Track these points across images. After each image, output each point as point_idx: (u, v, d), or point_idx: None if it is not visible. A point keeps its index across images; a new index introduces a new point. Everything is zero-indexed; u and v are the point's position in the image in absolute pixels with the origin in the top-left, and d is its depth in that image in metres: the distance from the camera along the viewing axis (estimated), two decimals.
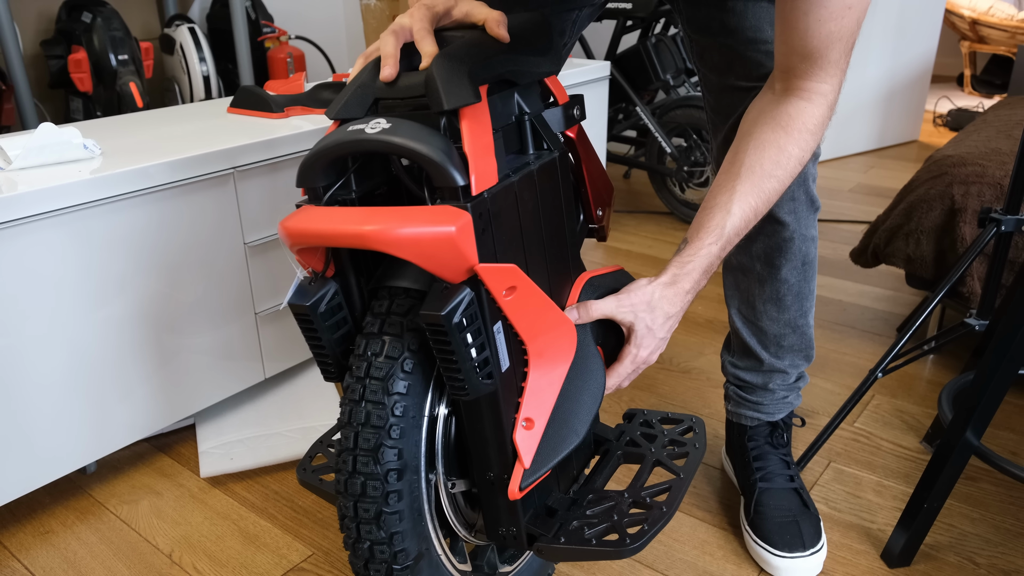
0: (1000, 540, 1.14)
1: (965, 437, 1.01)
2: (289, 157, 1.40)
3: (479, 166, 0.74)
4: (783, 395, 1.19)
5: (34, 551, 1.17)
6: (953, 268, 1.34)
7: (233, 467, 1.33)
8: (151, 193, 1.22)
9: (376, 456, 0.76)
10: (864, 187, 2.78)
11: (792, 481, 1.16)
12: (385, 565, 0.78)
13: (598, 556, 0.84)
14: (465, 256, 0.71)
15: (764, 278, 1.11)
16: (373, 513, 0.77)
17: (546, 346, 0.82)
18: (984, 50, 4.13)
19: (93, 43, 2.31)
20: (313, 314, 0.78)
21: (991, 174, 1.51)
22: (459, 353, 0.73)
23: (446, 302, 0.71)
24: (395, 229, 0.68)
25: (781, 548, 1.08)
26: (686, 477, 0.92)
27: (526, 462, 0.80)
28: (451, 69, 0.74)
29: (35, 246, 1.11)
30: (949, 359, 1.64)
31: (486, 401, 0.78)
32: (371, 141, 0.71)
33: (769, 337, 1.15)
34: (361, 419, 0.77)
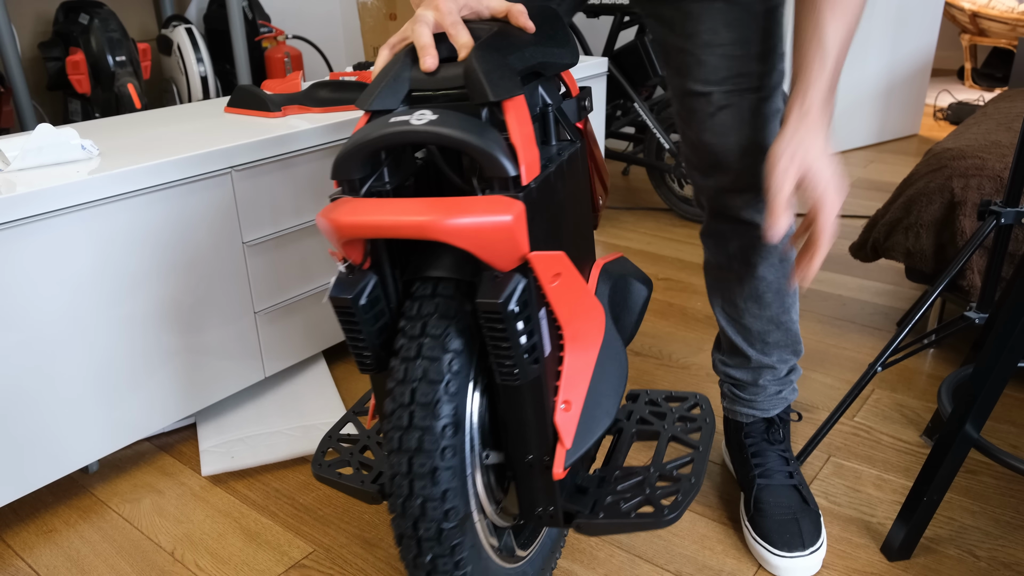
0: (1000, 533, 1.14)
1: (964, 430, 1.01)
2: (286, 156, 1.41)
3: (527, 156, 0.75)
4: (775, 390, 1.19)
5: (38, 550, 1.18)
6: (953, 261, 1.34)
7: (234, 465, 1.33)
8: (149, 193, 1.23)
9: (433, 411, 0.76)
10: (864, 181, 2.78)
11: (791, 477, 1.15)
12: (435, 524, 0.79)
13: (637, 528, 0.87)
14: (519, 245, 0.73)
15: (743, 277, 1.10)
16: (428, 468, 0.77)
17: (580, 330, 0.85)
18: (985, 43, 4.12)
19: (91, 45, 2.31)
20: (355, 306, 0.79)
21: (991, 167, 1.50)
22: (512, 340, 0.74)
23: (502, 289, 0.73)
24: (455, 219, 0.70)
25: (780, 547, 1.08)
26: (704, 450, 0.95)
27: (567, 443, 0.82)
28: (492, 61, 0.75)
29: (34, 247, 1.11)
30: (949, 353, 1.64)
31: (530, 386, 0.79)
32: (420, 133, 0.72)
33: (754, 334, 1.14)
34: (418, 375, 0.77)
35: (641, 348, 1.70)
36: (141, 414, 1.30)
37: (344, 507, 1.24)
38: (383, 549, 1.15)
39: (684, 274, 2.06)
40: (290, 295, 1.49)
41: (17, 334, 1.12)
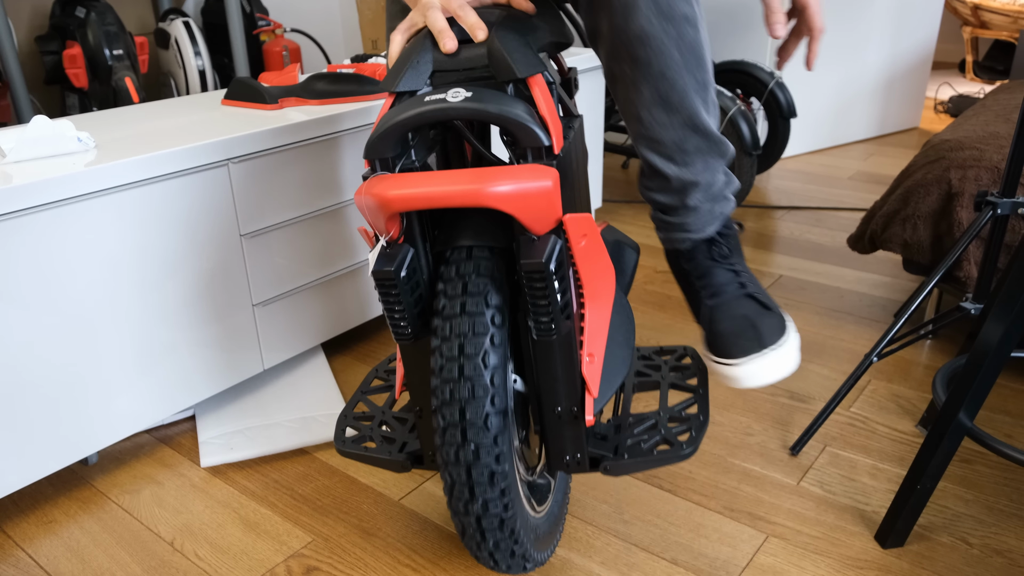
0: (993, 520, 1.15)
1: (958, 418, 1.02)
2: (283, 148, 1.41)
3: (555, 127, 0.82)
4: (708, 208, 1.05)
5: (38, 540, 1.19)
6: (949, 252, 1.35)
7: (233, 457, 1.34)
8: (145, 185, 1.23)
9: (483, 360, 0.82)
10: (864, 174, 2.78)
11: (743, 287, 1.05)
12: (487, 468, 0.84)
13: (661, 463, 0.93)
14: (556, 208, 0.79)
15: (637, 80, 0.96)
16: (481, 416, 0.83)
17: (598, 287, 0.91)
18: (986, 35, 4.11)
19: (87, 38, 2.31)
20: (397, 278, 0.83)
21: (988, 158, 1.51)
22: (551, 297, 0.81)
23: (543, 250, 0.79)
24: (500, 187, 0.75)
25: (736, 354, 0.98)
26: (704, 391, 1.02)
27: (594, 392, 0.89)
28: (513, 40, 0.82)
29: (28, 240, 1.12)
30: (946, 344, 1.65)
31: (563, 340, 0.86)
32: (458, 109, 0.77)
33: (669, 146, 1.00)
34: (464, 329, 0.83)
35: (640, 340, 1.70)
36: (140, 406, 1.31)
37: (343, 497, 1.25)
38: (381, 539, 1.16)
39: None
40: (288, 287, 1.49)
41: (13, 327, 1.13)
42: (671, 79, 0.95)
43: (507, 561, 0.93)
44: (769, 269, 2.03)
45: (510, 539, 0.90)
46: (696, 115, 0.98)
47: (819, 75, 2.94)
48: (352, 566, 1.11)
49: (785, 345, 1.00)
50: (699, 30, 0.94)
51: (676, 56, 0.94)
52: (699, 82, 0.97)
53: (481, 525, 0.88)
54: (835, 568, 1.08)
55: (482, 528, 0.89)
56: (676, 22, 0.92)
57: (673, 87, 0.95)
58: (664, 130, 0.99)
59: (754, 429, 1.38)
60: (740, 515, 1.18)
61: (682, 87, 0.96)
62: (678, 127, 0.98)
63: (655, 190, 1.07)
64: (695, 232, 1.07)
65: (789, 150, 3.01)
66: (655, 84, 0.95)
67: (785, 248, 2.16)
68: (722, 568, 1.08)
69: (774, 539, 1.13)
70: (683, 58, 0.94)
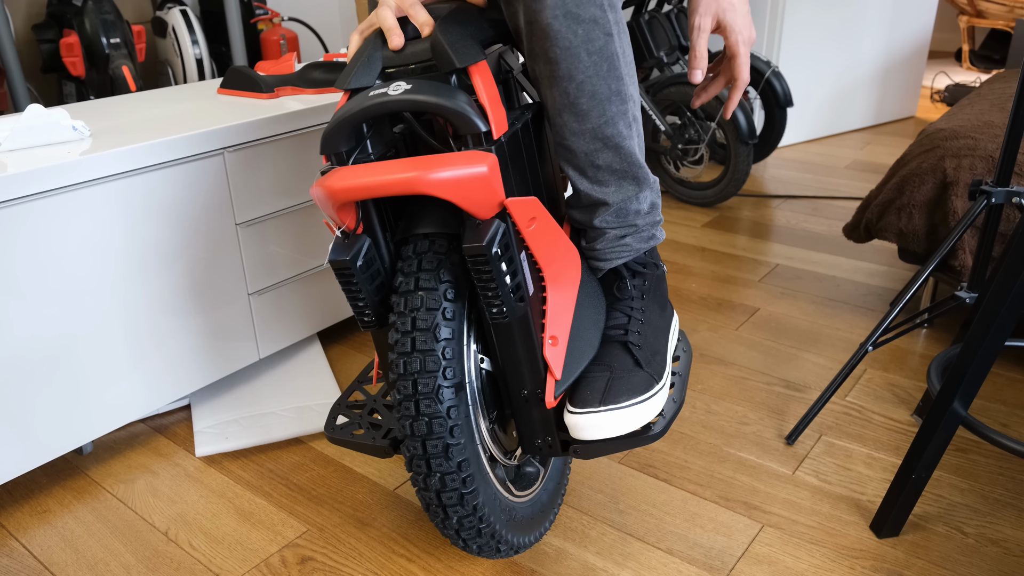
0: (988, 510, 1.15)
1: (952, 408, 1.02)
2: (279, 137, 1.40)
3: (495, 114, 0.84)
4: (618, 234, 1.01)
5: (32, 530, 1.19)
6: (944, 241, 1.34)
7: (228, 446, 1.34)
8: (141, 174, 1.23)
9: (433, 334, 0.86)
10: (860, 163, 2.78)
11: (625, 334, 0.99)
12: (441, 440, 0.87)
13: (627, 445, 0.93)
14: (496, 192, 0.81)
15: (550, 80, 0.92)
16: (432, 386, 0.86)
17: (559, 271, 0.93)
18: (982, 24, 4.10)
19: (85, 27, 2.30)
20: (353, 267, 0.86)
21: (983, 147, 1.50)
22: (498, 280, 0.82)
23: (484, 233, 0.80)
24: (436, 173, 0.77)
25: (574, 403, 0.94)
26: (684, 375, 1.02)
27: (557, 374, 0.90)
28: (455, 32, 0.85)
29: (23, 228, 1.11)
30: (942, 332, 1.65)
31: (519, 323, 0.88)
32: (398, 101, 0.80)
33: (580, 157, 0.96)
34: (417, 304, 0.86)
35: None
36: (135, 395, 1.30)
37: (338, 487, 1.25)
38: (376, 528, 1.16)
39: (679, 256, 2.06)
40: (284, 276, 1.49)
41: (7, 315, 1.12)
42: (580, 82, 0.91)
43: (476, 541, 0.95)
44: (765, 258, 2.03)
45: (474, 516, 0.91)
46: (608, 127, 0.94)
47: (816, 64, 2.93)
48: (347, 556, 1.11)
49: (631, 407, 0.93)
50: (612, 37, 0.90)
51: (585, 59, 0.90)
52: (613, 91, 0.92)
53: (441, 500, 0.90)
54: (830, 558, 1.08)
55: (443, 503, 0.90)
56: (584, 23, 0.88)
57: (582, 91, 0.91)
58: (575, 138, 0.95)
59: (750, 418, 1.38)
60: (735, 504, 1.18)
61: (592, 92, 0.92)
62: (588, 137, 0.95)
63: (571, 205, 1.04)
64: (601, 260, 1.03)
65: (786, 139, 3.01)
66: (564, 86, 0.92)
67: (782, 237, 2.16)
68: (717, 558, 1.09)
69: (769, 528, 1.13)
70: (592, 63, 0.90)
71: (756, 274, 1.94)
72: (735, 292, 1.85)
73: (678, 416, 1.39)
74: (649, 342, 1.01)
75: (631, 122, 0.96)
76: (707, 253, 2.08)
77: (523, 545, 1.03)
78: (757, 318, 1.72)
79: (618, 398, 0.93)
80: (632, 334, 1.00)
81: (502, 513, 0.97)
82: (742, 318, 1.73)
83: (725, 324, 1.70)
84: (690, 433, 1.35)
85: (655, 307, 1.06)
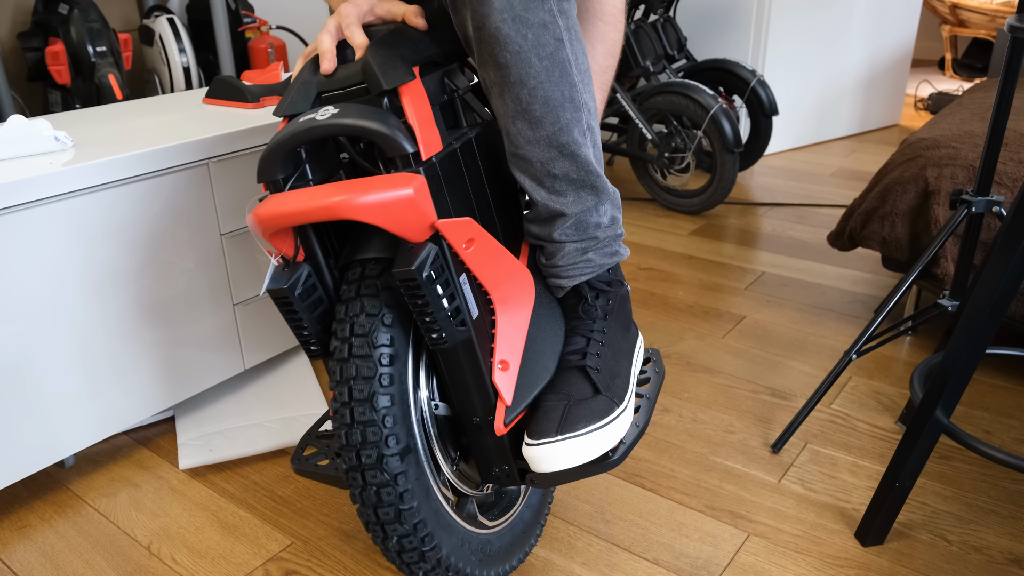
0: (972, 517, 1.16)
1: (935, 416, 1.02)
2: (264, 147, 1.40)
3: (424, 134, 0.82)
4: (578, 248, 0.97)
5: (11, 545, 1.17)
6: (926, 249, 1.35)
7: (212, 458, 1.33)
8: (124, 185, 1.22)
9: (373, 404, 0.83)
10: (845, 171, 2.80)
11: (583, 358, 0.95)
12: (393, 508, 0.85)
13: (584, 474, 0.89)
14: (424, 214, 0.78)
15: (500, 87, 0.89)
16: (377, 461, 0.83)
17: (508, 293, 0.90)
18: (965, 34, 4.14)
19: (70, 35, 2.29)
20: (291, 296, 0.84)
21: (964, 156, 1.52)
22: (433, 304, 0.79)
23: (415, 258, 0.78)
24: (360, 197, 0.75)
25: (534, 435, 0.90)
26: (651, 397, 0.99)
27: (507, 399, 0.87)
28: (384, 55, 0.83)
29: (5, 240, 1.11)
30: (926, 340, 1.66)
31: (463, 348, 0.85)
32: (324, 126, 0.78)
33: (535, 166, 0.92)
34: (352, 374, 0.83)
35: None
36: (118, 407, 1.29)
37: (323, 499, 1.24)
38: (361, 541, 1.16)
39: (666, 264, 2.07)
40: None
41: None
42: (532, 88, 0.88)
43: None
44: (751, 266, 2.03)
45: (439, 568, 0.89)
46: (563, 134, 0.90)
47: (801, 73, 2.95)
48: (331, 569, 1.11)
49: (589, 434, 0.90)
50: (563, 43, 0.88)
51: (536, 64, 0.87)
52: (566, 98, 0.89)
53: (404, 559, 0.88)
54: (815, 567, 1.08)
55: (405, 562, 0.88)
56: (533, 27, 0.85)
57: (534, 97, 0.88)
58: (530, 147, 0.91)
59: (736, 427, 1.38)
60: (721, 514, 1.18)
61: (544, 98, 0.88)
62: (543, 145, 0.91)
63: (528, 220, 0.99)
64: (562, 277, 0.99)
65: (771, 147, 3.03)
66: (516, 92, 0.88)
67: (767, 244, 2.17)
68: (703, 568, 1.09)
69: (755, 538, 1.14)
70: (544, 67, 0.87)
71: (742, 282, 1.95)
72: (721, 300, 1.86)
73: (665, 425, 1.39)
74: (609, 365, 0.97)
75: (586, 130, 0.92)
76: (694, 261, 2.08)
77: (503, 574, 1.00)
78: (743, 326, 1.73)
79: (575, 425, 0.89)
80: (591, 357, 0.96)
81: (473, 555, 0.94)
82: (728, 326, 1.73)
83: (711, 332, 1.71)
84: (676, 442, 1.35)
85: (618, 328, 1.02)
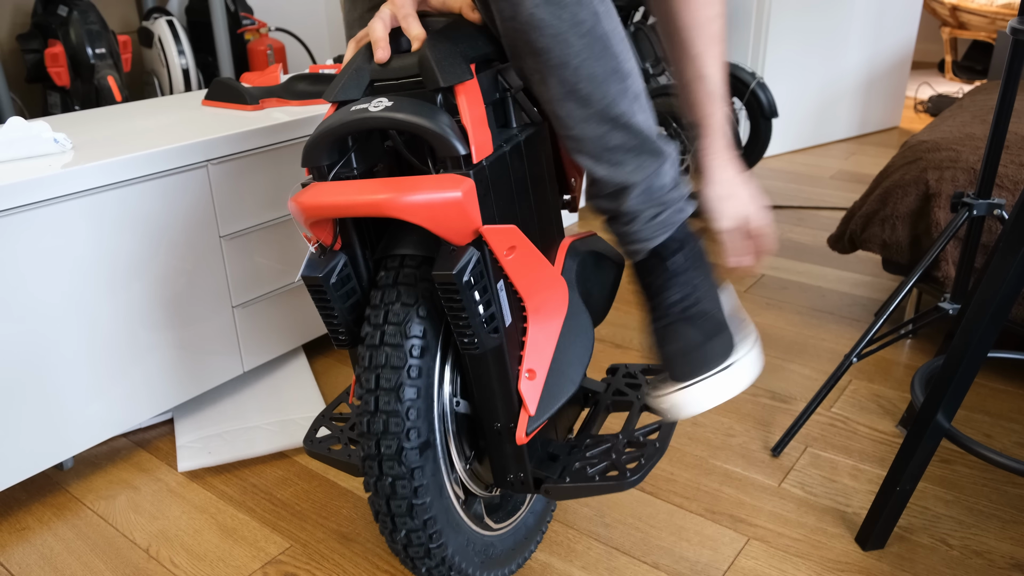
0: (973, 521, 1.16)
1: (936, 420, 1.02)
2: (264, 149, 1.40)
3: (478, 137, 0.81)
4: (651, 213, 0.98)
5: (10, 548, 1.17)
6: (927, 252, 1.35)
7: (211, 461, 1.32)
8: (123, 187, 1.22)
9: (399, 394, 0.83)
10: (845, 174, 2.79)
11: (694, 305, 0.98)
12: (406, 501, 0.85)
13: (601, 491, 0.89)
14: (470, 219, 0.78)
15: (543, 74, 0.88)
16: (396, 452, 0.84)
17: (543, 302, 0.89)
18: (965, 36, 4.14)
19: (70, 37, 2.29)
20: (325, 284, 0.85)
21: (965, 159, 1.51)
22: (469, 309, 0.79)
23: (456, 261, 0.78)
24: (408, 196, 0.75)
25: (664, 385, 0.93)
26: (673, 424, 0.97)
27: (531, 409, 0.87)
28: (443, 50, 0.81)
29: (3, 242, 1.10)
30: (926, 343, 1.65)
31: (493, 355, 0.85)
32: (376, 118, 0.78)
33: (591, 143, 0.93)
34: (382, 361, 0.84)
35: (614, 337, 1.70)
36: (118, 409, 1.29)
37: (322, 502, 1.24)
38: (360, 544, 1.15)
39: None
40: (268, 289, 1.48)
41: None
42: (575, 67, 0.87)
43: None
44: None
45: (443, 566, 0.89)
46: (614, 107, 0.90)
47: (800, 75, 2.95)
48: (330, 572, 1.10)
49: (725, 370, 0.94)
50: (599, 18, 0.87)
51: (576, 43, 0.86)
52: (611, 70, 0.89)
53: (409, 553, 0.88)
54: (816, 571, 1.08)
55: (410, 556, 0.89)
56: (568, 7, 0.84)
57: (579, 76, 0.87)
58: (582, 126, 0.91)
59: (736, 430, 1.38)
60: (721, 517, 1.18)
61: (590, 75, 0.88)
62: (595, 121, 0.91)
63: (594, 196, 1.00)
64: (641, 241, 0.99)
65: (771, 149, 3.03)
66: (560, 75, 0.87)
67: None
68: (703, 572, 1.08)
69: (755, 542, 1.13)
70: (585, 44, 0.86)
71: (742, 285, 1.94)
72: None
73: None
74: (708, 311, 0.99)
75: (635, 98, 0.92)
76: None
77: None
78: None
79: (707, 366, 0.93)
80: (699, 303, 0.98)
81: (476, 556, 0.94)
82: None
83: None
84: (676, 445, 1.35)
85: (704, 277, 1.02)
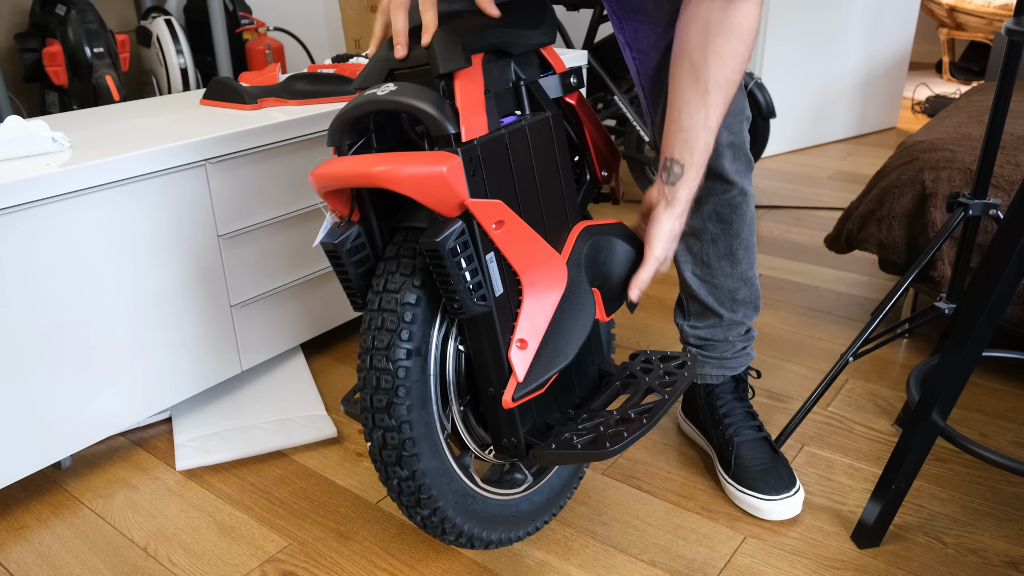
0: (968, 520, 1.16)
1: (931, 418, 1.02)
2: (262, 148, 1.40)
3: (469, 118, 0.87)
4: (741, 346, 1.25)
5: (8, 547, 1.17)
6: (923, 252, 1.36)
7: (209, 460, 1.33)
8: (121, 186, 1.22)
9: (391, 353, 0.91)
10: (842, 174, 2.80)
11: (760, 431, 1.24)
12: (395, 452, 0.93)
13: (581, 459, 0.93)
14: (456, 192, 0.84)
15: (717, 236, 1.17)
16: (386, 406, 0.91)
17: (537, 277, 0.94)
18: (962, 37, 4.15)
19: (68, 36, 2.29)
20: (340, 251, 0.93)
21: (961, 159, 1.52)
22: (453, 275, 0.85)
23: (441, 231, 0.84)
24: (397, 169, 0.82)
25: (769, 492, 1.17)
26: (670, 398, 1.00)
27: (519, 376, 0.92)
28: (448, 40, 0.88)
29: (1, 241, 1.10)
30: (923, 343, 1.66)
31: (483, 321, 0.91)
32: (380, 101, 0.86)
33: (724, 292, 1.20)
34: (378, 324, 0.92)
35: (620, 339, 1.71)
36: (116, 408, 1.29)
37: (320, 500, 1.24)
38: (358, 542, 1.16)
39: None
40: (267, 288, 1.48)
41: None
42: (743, 237, 1.17)
43: (418, 512, 0.98)
44: None
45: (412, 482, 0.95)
46: (750, 268, 1.20)
47: (798, 76, 2.96)
48: (328, 570, 1.11)
49: (801, 489, 1.19)
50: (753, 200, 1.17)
51: (748, 223, 1.17)
52: (754, 243, 1.19)
53: (382, 457, 0.95)
54: (812, 569, 1.08)
55: (383, 460, 0.95)
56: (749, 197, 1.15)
57: (740, 242, 1.17)
58: (726, 279, 1.19)
59: None
60: (718, 515, 1.18)
61: (747, 244, 1.18)
62: (736, 278, 1.19)
63: (704, 328, 1.24)
64: (731, 369, 1.25)
65: (769, 150, 3.03)
66: (730, 241, 1.16)
67: (765, 247, 2.17)
68: (699, 570, 1.09)
69: (752, 540, 1.14)
70: (747, 224, 1.17)
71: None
72: None
73: (662, 427, 1.39)
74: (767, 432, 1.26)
75: (756, 260, 1.22)
76: None
77: (479, 538, 1.02)
78: None
79: (793, 480, 1.18)
80: (763, 429, 1.25)
81: (452, 495, 0.98)
82: None
83: None
84: (673, 444, 1.35)
85: None
